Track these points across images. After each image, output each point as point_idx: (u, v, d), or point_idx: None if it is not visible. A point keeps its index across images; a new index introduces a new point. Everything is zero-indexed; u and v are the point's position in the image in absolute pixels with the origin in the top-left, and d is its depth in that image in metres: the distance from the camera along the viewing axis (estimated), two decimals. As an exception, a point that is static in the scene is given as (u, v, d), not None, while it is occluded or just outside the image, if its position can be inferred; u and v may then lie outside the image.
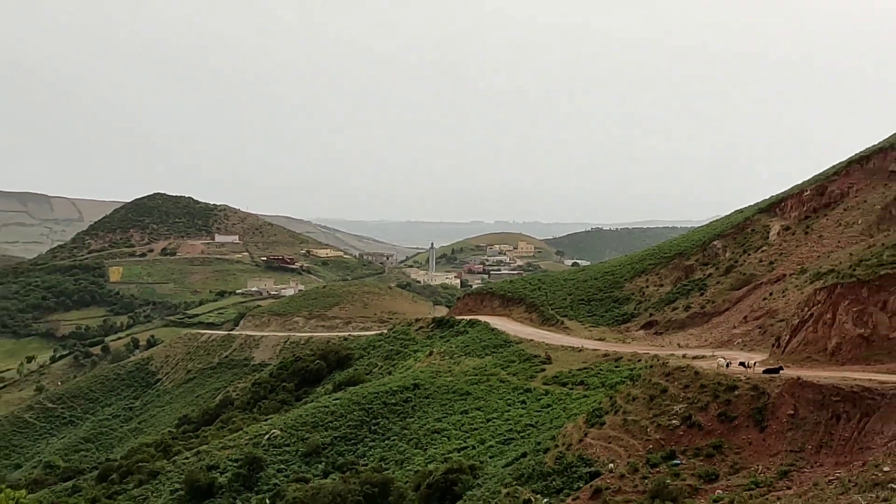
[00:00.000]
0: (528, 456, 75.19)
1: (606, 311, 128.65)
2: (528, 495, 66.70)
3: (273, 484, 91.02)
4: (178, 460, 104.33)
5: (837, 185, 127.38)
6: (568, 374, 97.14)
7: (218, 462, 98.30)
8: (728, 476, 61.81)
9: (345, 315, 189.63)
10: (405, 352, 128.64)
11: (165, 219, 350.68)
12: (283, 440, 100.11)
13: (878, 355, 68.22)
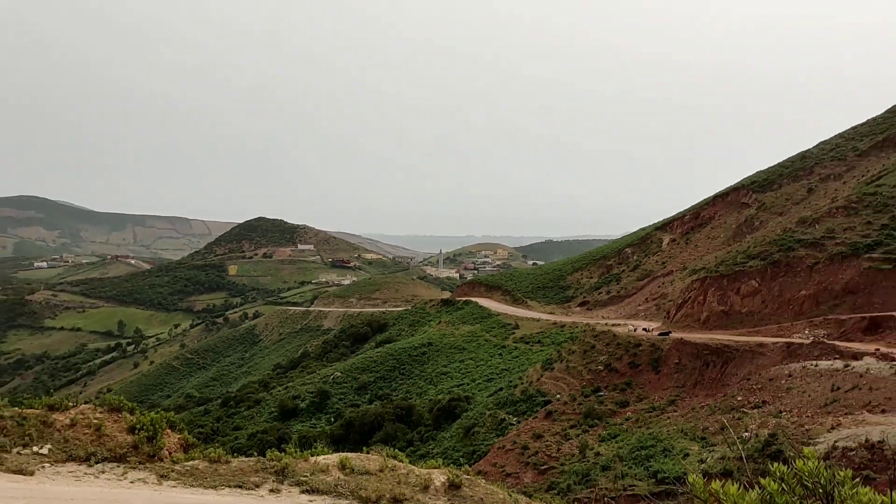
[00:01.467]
0: (503, 390, 75.46)
1: (555, 295, 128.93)
2: (503, 415, 66.86)
3: (336, 408, 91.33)
4: (273, 392, 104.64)
5: (707, 212, 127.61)
6: (530, 336, 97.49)
7: (300, 393, 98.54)
8: (635, 403, 61.97)
9: (383, 297, 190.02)
10: (423, 321, 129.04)
11: (265, 234, 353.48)
12: (342, 379, 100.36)
13: (733, 324, 68.35)
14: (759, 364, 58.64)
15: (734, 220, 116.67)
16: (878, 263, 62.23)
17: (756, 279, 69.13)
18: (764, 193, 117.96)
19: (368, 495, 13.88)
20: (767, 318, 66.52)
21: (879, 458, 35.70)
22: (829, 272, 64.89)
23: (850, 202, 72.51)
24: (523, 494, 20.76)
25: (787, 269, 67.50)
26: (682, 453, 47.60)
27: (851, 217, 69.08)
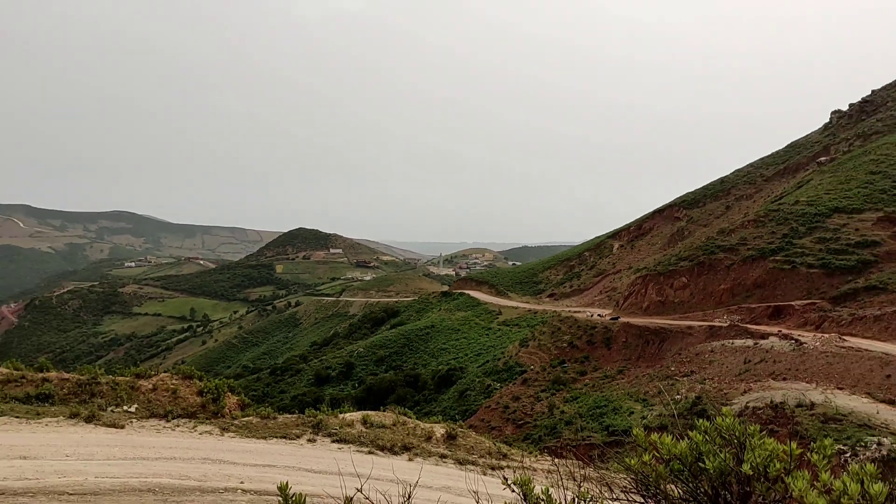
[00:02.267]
0: (489, 362, 75.31)
1: (530, 288, 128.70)
2: (489, 382, 66.75)
3: (359, 376, 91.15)
4: (310, 364, 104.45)
5: (648, 224, 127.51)
6: (510, 320, 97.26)
7: (331, 364, 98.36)
8: (592, 372, 61.91)
9: (395, 290, 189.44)
10: (427, 309, 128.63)
11: (304, 240, 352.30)
12: (364, 354, 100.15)
13: (668, 311, 68.31)
14: (688, 342, 58.63)
15: (669, 230, 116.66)
16: (780, 264, 62.22)
17: (686, 276, 69.08)
18: (692, 209, 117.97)
19: (384, 444, 13.93)
20: (695, 307, 66.48)
21: (781, 415, 35.67)
22: (742, 271, 64.86)
23: (759, 216, 72.48)
24: (504, 443, 20.77)
25: (710, 268, 67.45)
26: (629, 411, 47.57)
27: (760, 228, 69.02)
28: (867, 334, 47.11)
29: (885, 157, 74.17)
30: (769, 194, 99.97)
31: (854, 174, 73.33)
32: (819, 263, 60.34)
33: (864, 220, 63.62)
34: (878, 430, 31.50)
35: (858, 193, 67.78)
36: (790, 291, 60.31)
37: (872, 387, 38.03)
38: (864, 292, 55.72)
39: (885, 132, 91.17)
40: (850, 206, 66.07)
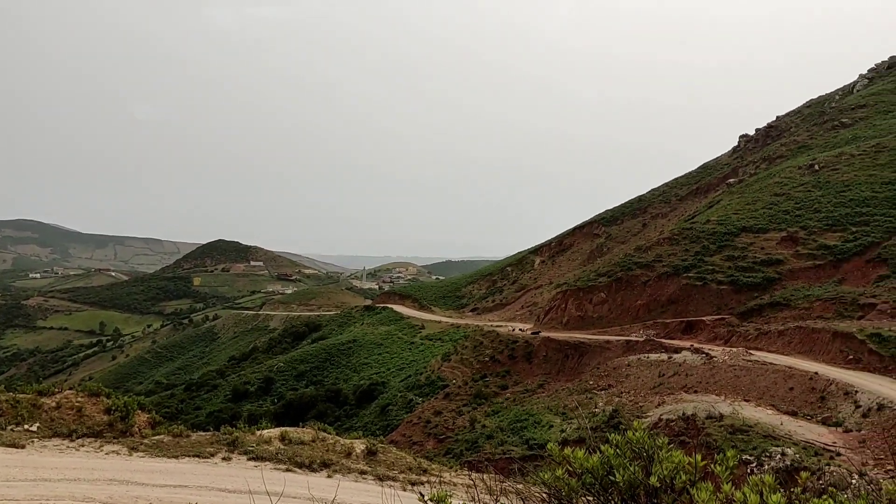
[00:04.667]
0: (411, 377, 75.11)
1: (453, 302, 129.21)
2: (411, 396, 66.57)
3: (279, 391, 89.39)
4: (228, 379, 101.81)
5: (568, 240, 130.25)
6: (433, 334, 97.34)
7: (250, 380, 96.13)
8: (513, 386, 62.55)
9: (318, 303, 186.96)
10: (349, 323, 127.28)
11: (224, 252, 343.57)
12: (284, 368, 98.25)
13: (587, 325, 69.71)
14: (606, 356, 60.03)
15: (589, 246, 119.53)
16: (693, 280, 64.60)
17: (604, 292, 70.77)
18: (611, 227, 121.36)
19: (303, 461, 13.70)
20: (613, 322, 68.11)
21: (692, 427, 36.92)
22: (657, 287, 66.98)
23: (673, 234, 75.09)
24: (425, 458, 20.74)
25: (627, 284, 69.34)
26: (549, 425, 48.28)
27: (674, 246, 71.50)
28: (772, 348, 49.38)
29: (788, 179, 78.18)
30: (683, 213, 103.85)
31: (760, 195, 76.96)
32: (728, 280, 62.97)
33: (769, 239, 66.81)
34: (782, 440, 32.99)
35: (764, 214, 71.16)
36: (702, 307, 62.66)
37: (776, 399, 39.85)
38: (769, 308, 58.47)
39: (788, 156, 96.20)
40: (757, 226, 69.29)
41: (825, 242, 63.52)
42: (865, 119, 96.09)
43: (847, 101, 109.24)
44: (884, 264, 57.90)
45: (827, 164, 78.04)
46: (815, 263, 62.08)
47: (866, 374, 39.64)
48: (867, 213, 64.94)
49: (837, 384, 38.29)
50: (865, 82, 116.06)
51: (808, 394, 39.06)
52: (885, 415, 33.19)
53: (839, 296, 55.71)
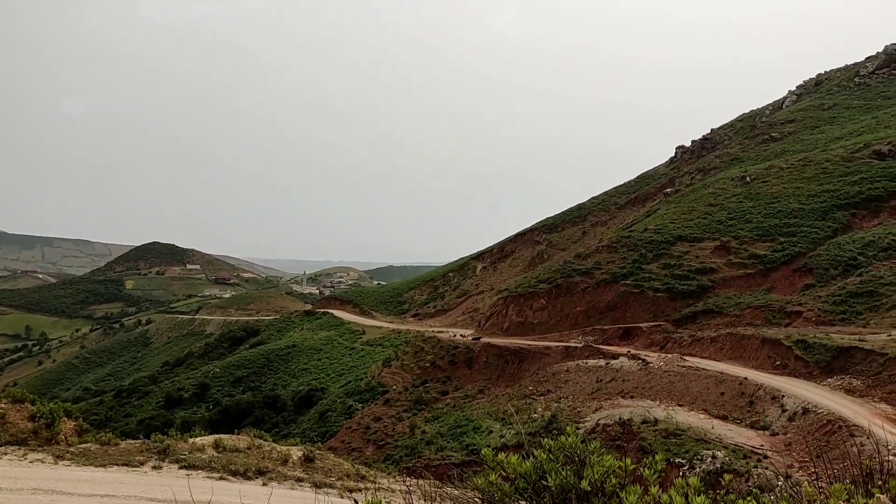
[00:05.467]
0: (351, 382, 74.53)
1: (394, 308, 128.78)
2: (351, 402, 66.04)
3: (214, 397, 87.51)
4: (161, 385, 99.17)
5: (510, 246, 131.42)
6: (374, 340, 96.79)
7: (184, 386, 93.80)
8: (453, 392, 62.67)
9: (256, 308, 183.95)
10: (289, 328, 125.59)
11: (159, 255, 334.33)
12: (220, 374, 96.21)
13: (527, 331, 70.38)
14: (546, 362, 60.72)
15: (530, 253, 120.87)
16: (630, 288, 65.98)
17: (544, 298, 71.60)
18: (552, 234, 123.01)
19: (237, 469, 13.44)
20: (552, 328, 68.95)
21: (628, 432, 37.68)
22: (596, 294, 68.15)
23: (612, 242, 76.54)
24: (364, 465, 20.59)
25: (567, 291, 70.32)
26: (488, 430, 48.57)
27: (612, 254, 72.87)
28: (704, 354, 50.79)
29: (722, 190, 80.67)
30: (622, 221, 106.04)
31: (695, 206, 79.19)
32: (664, 288, 64.54)
33: (704, 248, 68.78)
34: (713, 443, 33.95)
35: (699, 223, 73.23)
36: (639, 314, 64.04)
37: (708, 403, 40.99)
38: (703, 315, 60.18)
39: (721, 168, 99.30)
40: (692, 235, 71.24)
41: (755, 252, 65.76)
42: (793, 134, 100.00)
43: (777, 116, 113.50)
44: (809, 273, 60.27)
45: (758, 176, 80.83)
46: (746, 272, 64.22)
47: (792, 380, 41.12)
48: (795, 224, 67.52)
49: (765, 389, 39.61)
50: (794, 98, 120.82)
51: (738, 398, 40.30)
52: (809, 418, 34.48)
53: (768, 303, 57.73)
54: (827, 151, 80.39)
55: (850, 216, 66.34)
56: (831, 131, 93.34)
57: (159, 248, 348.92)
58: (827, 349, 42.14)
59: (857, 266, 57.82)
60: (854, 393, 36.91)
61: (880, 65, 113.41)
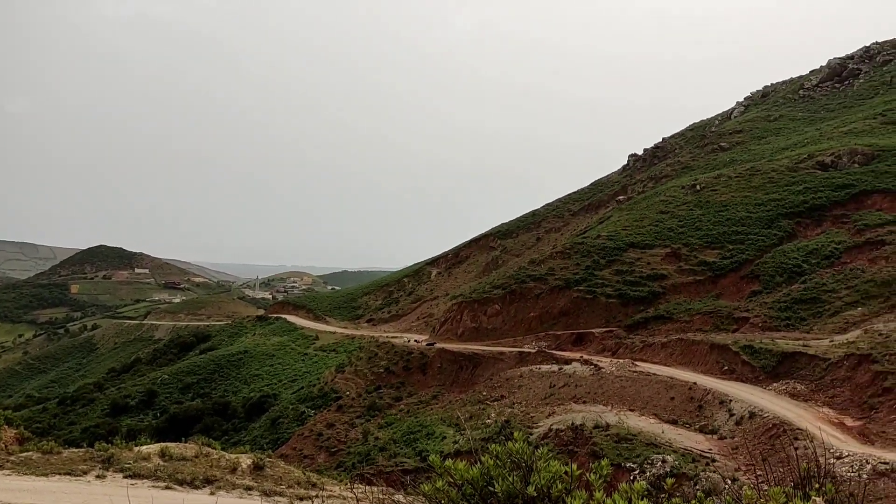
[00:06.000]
0: (304, 388, 73.72)
1: (348, 313, 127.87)
2: (303, 409, 65.36)
3: (162, 405, 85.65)
4: (107, 392, 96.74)
5: (465, 252, 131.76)
6: (327, 345, 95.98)
7: (130, 393, 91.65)
8: (407, 398, 62.51)
9: (207, 313, 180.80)
10: (241, 333, 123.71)
11: (106, 258, 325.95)
12: (169, 380, 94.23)
13: (482, 337, 70.57)
14: (500, 367, 61.01)
15: (484, 259, 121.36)
16: (583, 294, 66.77)
17: (498, 304, 71.92)
18: (506, 240, 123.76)
19: (184, 477, 13.19)
20: (506, 333, 69.29)
21: (580, 437, 38.08)
22: (550, 299, 68.76)
23: (566, 249, 77.35)
24: (316, 472, 20.39)
25: (521, 296, 70.77)
26: (442, 436, 48.58)
27: (566, 260, 73.63)
28: (655, 359, 51.67)
29: (673, 198, 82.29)
30: (575, 228, 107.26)
31: (647, 213, 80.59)
32: (616, 294, 65.48)
33: (655, 255, 70.02)
34: (663, 448, 34.53)
35: (650, 231, 74.54)
36: (591, 319, 64.84)
37: (659, 408, 41.69)
38: (654, 321, 61.25)
39: (673, 176, 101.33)
40: (643, 242, 72.47)
41: (705, 259, 67.21)
42: (741, 144, 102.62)
43: (725, 127, 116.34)
44: (756, 280, 61.86)
45: (707, 184, 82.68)
46: (696, 279, 65.60)
47: (739, 384, 42.12)
48: (742, 231, 69.23)
49: (714, 394, 40.49)
50: (742, 109, 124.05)
51: (688, 403, 41.11)
52: (755, 422, 35.34)
53: (716, 310, 59.06)
54: (773, 161, 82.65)
55: (794, 224, 68.30)
56: (777, 142, 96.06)
57: (106, 251, 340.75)
58: (773, 354, 43.29)
59: (801, 273, 59.58)
60: (798, 397, 37.98)
61: (824, 78, 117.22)
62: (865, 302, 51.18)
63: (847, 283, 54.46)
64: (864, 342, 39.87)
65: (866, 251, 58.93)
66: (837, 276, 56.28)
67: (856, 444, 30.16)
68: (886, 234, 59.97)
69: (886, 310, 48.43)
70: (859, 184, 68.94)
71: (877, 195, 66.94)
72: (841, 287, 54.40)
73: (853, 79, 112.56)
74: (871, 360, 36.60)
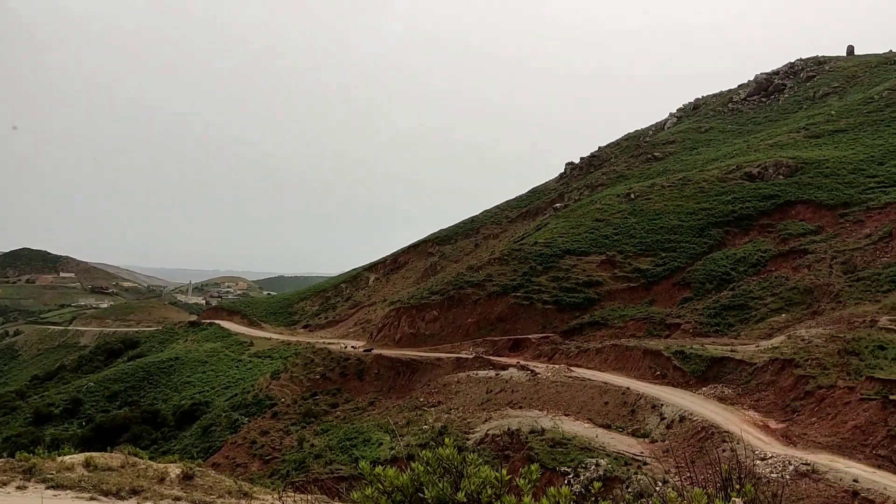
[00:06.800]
0: (238, 395, 72.24)
1: (284, 319, 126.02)
2: (236, 416, 64.07)
3: (88, 413, 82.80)
4: (29, 400, 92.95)
5: (403, 258, 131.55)
6: (262, 351, 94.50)
7: (54, 401, 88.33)
8: (344, 404, 62.02)
9: (136, 319, 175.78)
10: (172, 339, 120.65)
11: (29, 262, 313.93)
12: (95, 388, 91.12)
13: (420, 343, 70.60)
14: (437, 373, 61.11)
15: (423, 264, 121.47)
16: (520, 300, 67.51)
17: (437, 309, 72.09)
18: (444, 246, 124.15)
19: (110, 488, 12.77)
20: (444, 339, 69.47)
21: (517, 442, 38.44)
22: (487, 305, 69.27)
23: (503, 255, 78.05)
24: (248, 481, 20.02)
25: (459, 302, 71.10)
26: (378, 442, 48.35)
27: (504, 266, 74.30)
28: (590, 365, 52.60)
29: (608, 206, 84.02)
30: (513, 235, 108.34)
31: (583, 220, 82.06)
32: (553, 300, 66.46)
33: (591, 261, 71.34)
34: (597, 452, 35.15)
35: (586, 238, 75.92)
36: (528, 325, 65.61)
37: (593, 413, 42.45)
38: (589, 327, 62.41)
39: (608, 184, 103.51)
40: (579, 249, 73.75)
41: (639, 266, 68.86)
42: (674, 154, 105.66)
43: (659, 137, 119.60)
44: (687, 287, 63.71)
45: (641, 193, 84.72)
46: (630, 285, 67.13)
47: (671, 389, 43.25)
48: (675, 239, 71.20)
49: (646, 398, 41.46)
50: (674, 120, 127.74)
51: (621, 407, 41.97)
52: (685, 426, 36.34)
53: (649, 316, 60.55)
54: (704, 172, 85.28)
55: (724, 233, 70.59)
56: (708, 153, 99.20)
57: (30, 254, 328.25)
58: (702, 360, 44.61)
59: (729, 280, 61.66)
60: (726, 401, 39.23)
61: (751, 92, 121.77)
62: (789, 308, 53.31)
63: (772, 291, 56.63)
64: (788, 347, 41.45)
65: (790, 259, 61.38)
66: (763, 284, 58.48)
67: (779, 445, 31.31)
68: (809, 243, 62.60)
69: (808, 316, 50.49)
70: (784, 194, 71.77)
71: (800, 205, 69.81)
72: (766, 294, 56.54)
73: (779, 93, 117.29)
74: (794, 365, 38.08)
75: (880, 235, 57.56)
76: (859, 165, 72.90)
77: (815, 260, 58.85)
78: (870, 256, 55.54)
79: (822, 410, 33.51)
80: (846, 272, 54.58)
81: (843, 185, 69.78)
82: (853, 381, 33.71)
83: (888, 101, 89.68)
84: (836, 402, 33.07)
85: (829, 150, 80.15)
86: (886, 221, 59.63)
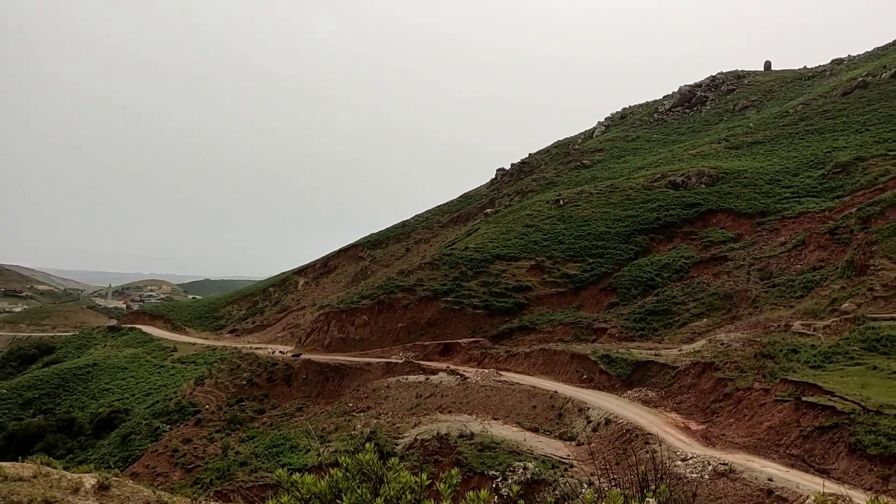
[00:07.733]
0: (159, 403, 70.09)
1: (210, 323, 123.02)
2: (157, 424, 62.13)
3: (0, 422, 78.79)
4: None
5: (333, 262, 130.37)
6: (186, 357, 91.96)
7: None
8: (271, 410, 60.99)
9: (52, 323, 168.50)
10: (90, 345, 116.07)
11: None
12: (7, 396, 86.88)
13: (349, 347, 70.09)
14: (367, 378, 60.75)
15: (353, 268, 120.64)
16: (450, 304, 67.80)
17: (367, 314, 71.68)
18: (375, 250, 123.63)
19: (20, 499, 12.17)
20: (374, 344, 69.17)
21: (446, 446, 38.51)
22: (418, 310, 69.29)
23: (434, 260, 78.26)
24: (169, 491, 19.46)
25: (389, 307, 70.90)
26: (306, 449, 47.68)
27: (434, 271, 74.51)
28: (519, 369, 53.22)
29: (538, 212, 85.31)
30: (444, 239, 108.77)
31: (513, 226, 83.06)
32: (483, 305, 67.00)
33: (520, 267, 72.25)
34: (525, 455, 35.55)
35: (516, 243, 76.86)
36: (458, 330, 65.94)
37: (521, 416, 42.93)
38: (518, 331, 63.17)
39: (538, 190, 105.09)
40: (509, 254, 74.60)
41: (567, 271, 70.11)
42: (602, 162, 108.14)
43: (587, 145, 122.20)
44: (614, 293, 65.26)
45: (570, 200, 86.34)
46: (558, 290, 68.28)
47: (597, 392, 44.16)
48: (602, 245, 72.83)
49: (573, 402, 42.21)
50: (602, 129, 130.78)
51: (549, 411, 42.60)
52: (610, 428, 37.14)
53: (577, 320, 61.73)
54: (630, 180, 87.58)
55: (649, 240, 72.63)
56: (634, 161, 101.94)
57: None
58: (627, 363, 45.72)
59: (654, 286, 63.46)
60: (650, 403, 40.30)
61: (675, 103, 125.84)
62: (710, 313, 55.25)
63: (694, 296, 58.57)
64: (708, 351, 42.92)
65: (711, 266, 63.64)
66: (686, 290, 60.43)
67: (699, 446, 32.33)
68: (728, 250, 65.04)
69: (728, 321, 52.43)
70: (706, 203, 74.38)
71: (721, 214, 72.46)
72: (689, 299, 58.44)
73: (701, 105, 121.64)
74: (714, 368, 39.44)
75: (794, 244, 60.31)
76: (775, 176, 76.23)
77: (735, 266, 61.18)
78: (784, 263, 58.13)
79: (740, 412, 34.80)
80: (763, 278, 56.97)
81: (761, 194, 72.85)
82: (768, 384, 35.14)
83: (802, 114, 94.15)
84: (753, 404, 34.40)
85: (748, 161, 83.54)
86: (800, 230, 62.56)
